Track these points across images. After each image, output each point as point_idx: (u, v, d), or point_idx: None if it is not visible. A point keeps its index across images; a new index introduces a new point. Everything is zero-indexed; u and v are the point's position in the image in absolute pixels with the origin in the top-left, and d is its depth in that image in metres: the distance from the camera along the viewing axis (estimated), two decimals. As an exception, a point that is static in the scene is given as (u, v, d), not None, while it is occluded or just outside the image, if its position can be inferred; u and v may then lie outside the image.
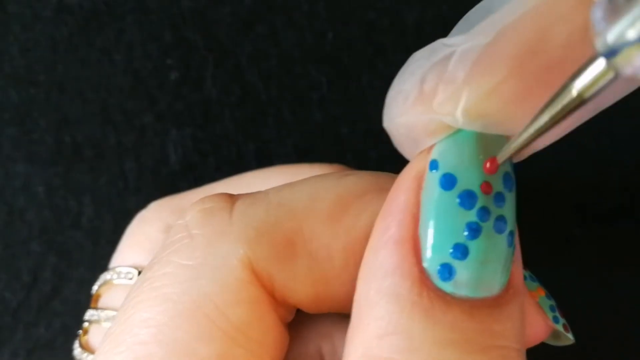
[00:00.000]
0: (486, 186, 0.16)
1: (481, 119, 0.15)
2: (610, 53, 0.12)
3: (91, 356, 0.22)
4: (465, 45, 0.15)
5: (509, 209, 0.16)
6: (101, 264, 0.25)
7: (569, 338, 0.20)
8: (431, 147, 0.16)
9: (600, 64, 0.12)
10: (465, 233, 0.16)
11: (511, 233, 0.16)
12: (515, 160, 0.17)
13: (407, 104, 0.16)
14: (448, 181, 0.16)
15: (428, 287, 0.15)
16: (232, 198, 0.18)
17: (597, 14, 0.12)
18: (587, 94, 0.13)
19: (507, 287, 0.16)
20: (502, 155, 0.16)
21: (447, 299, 0.15)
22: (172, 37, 0.29)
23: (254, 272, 0.17)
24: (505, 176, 0.16)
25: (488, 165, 0.16)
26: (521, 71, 0.15)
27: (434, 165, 0.16)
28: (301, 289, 0.17)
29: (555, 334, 0.20)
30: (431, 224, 0.16)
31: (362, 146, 0.28)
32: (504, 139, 0.16)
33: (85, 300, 0.27)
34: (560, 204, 0.28)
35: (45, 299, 0.28)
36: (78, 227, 0.28)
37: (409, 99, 0.16)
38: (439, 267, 0.16)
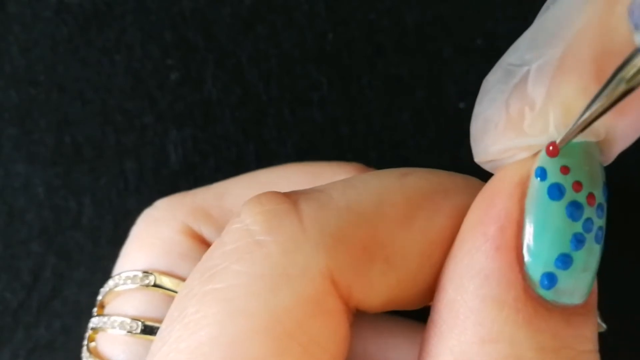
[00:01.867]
0: (591, 198, 0.16)
1: None
2: None
3: None
4: (539, 61, 0.15)
5: (605, 220, 0.16)
6: (101, 264, 0.25)
7: (603, 326, 0.20)
8: (535, 154, 0.16)
9: None
10: (571, 244, 0.16)
11: (604, 242, 0.16)
12: (605, 163, 0.17)
13: (497, 132, 0.16)
14: (557, 191, 0.16)
15: (530, 295, 0.16)
16: (290, 198, 0.17)
17: (636, 12, 0.12)
18: (633, 83, 0.13)
19: (591, 293, 0.16)
20: (562, 140, 0.16)
21: (548, 306, 0.16)
22: (172, 37, 0.29)
23: (334, 282, 0.16)
24: (604, 187, 0.16)
25: (551, 148, 0.16)
26: (600, 74, 0.15)
27: (540, 173, 0.16)
28: (375, 296, 0.17)
29: None
30: (537, 232, 0.16)
31: (362, 146, 0.28)
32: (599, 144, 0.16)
33: (86, 301, 0.27)
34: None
35: (45, 299, 0.28)
36: (78, 227, 0.28)
37: (498, 126, 0.16)
38: (540, 276, 0.16)
